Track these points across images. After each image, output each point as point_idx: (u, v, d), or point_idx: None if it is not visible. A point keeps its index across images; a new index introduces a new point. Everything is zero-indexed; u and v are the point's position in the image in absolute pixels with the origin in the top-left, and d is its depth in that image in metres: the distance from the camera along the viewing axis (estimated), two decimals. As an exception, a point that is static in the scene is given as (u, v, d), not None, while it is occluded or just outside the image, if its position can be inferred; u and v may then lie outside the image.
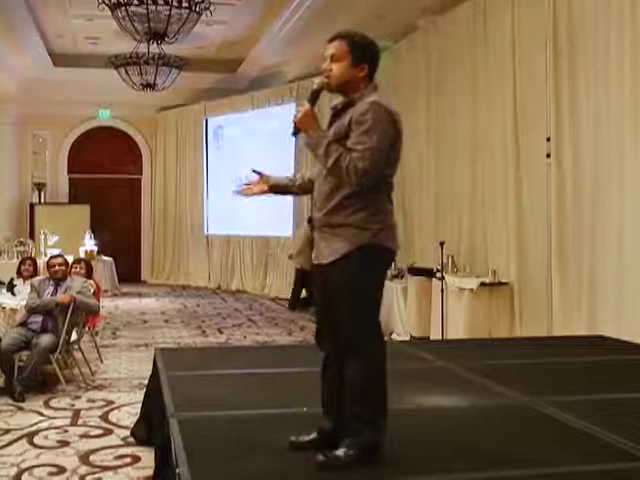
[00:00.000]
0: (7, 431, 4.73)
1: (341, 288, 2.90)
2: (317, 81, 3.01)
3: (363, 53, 2.97)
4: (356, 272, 2.86)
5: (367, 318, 2.92)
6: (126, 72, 11.56)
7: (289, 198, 12.79)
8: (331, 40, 2.99)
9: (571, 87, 6.68)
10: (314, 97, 2.98)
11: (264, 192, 3.32)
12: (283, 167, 13.01)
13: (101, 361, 6.95)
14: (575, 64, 6.65)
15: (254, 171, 3.32)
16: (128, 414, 5.12)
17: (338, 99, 3.04)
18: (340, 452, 2.82)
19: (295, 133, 2.98)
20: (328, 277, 2.95)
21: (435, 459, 2.95)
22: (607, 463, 2.93)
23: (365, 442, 2.84)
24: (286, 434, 3.08)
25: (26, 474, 3.95)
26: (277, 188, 3.36)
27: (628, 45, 5.97)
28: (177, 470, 2.75)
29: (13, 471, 3.99)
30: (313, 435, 3.03)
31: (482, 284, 7.31)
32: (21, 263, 7.57)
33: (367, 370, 2.87)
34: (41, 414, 5.17)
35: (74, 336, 6.23)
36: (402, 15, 9.06)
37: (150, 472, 3.66)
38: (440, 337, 7.47)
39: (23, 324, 6.01)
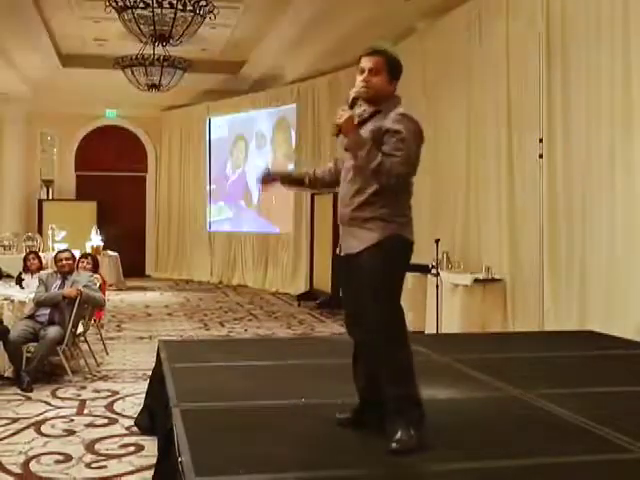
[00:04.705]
0: (15, 420, 4.80)
1: (370, 273, 3.08)
2: (355, 90, 3.22)
3: (396, 71, 3.25)
4: (384, 258, 3.08)
5: (391, 302, 3.10)
6: (132, 73, 11.55)
7: (290, 195, 12.86)
8: (369, 54, 3.22)
9: (563, 89, 6.73)
10: (353, 104, 3.20)
11: (277, 182, 3.53)
12: (283, 165, 13.15)
13: (106, 353, 7.01)
14: (568, 66, 6.70)
15: (263, 175, 3.52)
16: (132, 404, 5.18)
17: (361, 107, 3.25)
18: (403, 436, 2.95)
19: (337, 134, 3.19)
20: (357, 265, 3.13)
21: (428, 448, 3.00)
22: (596, 454, 3.01)
23: (415, 418, 3.03)
24: (285, 424, 3.17)
25: (34, 462, 4.01)
26: (289, 182, 3.64)
27: (619, 47, 6.04)
28: (179, 459, 2.79)
29: (21, 459, 4.05)
30: (346, 414, 3.28)
31: (476, 280, 7.37)
32: (25, 258, 7.65)
33: (396, 351, 3.05)
34: (48, 404, 5.24)
35: (80, 328, 6.30)
36: (400, 18, 9.09)
37: (153, 460, 3.66)
38: (435, 331, 7.47)
39: (31, 316, 6.06)
